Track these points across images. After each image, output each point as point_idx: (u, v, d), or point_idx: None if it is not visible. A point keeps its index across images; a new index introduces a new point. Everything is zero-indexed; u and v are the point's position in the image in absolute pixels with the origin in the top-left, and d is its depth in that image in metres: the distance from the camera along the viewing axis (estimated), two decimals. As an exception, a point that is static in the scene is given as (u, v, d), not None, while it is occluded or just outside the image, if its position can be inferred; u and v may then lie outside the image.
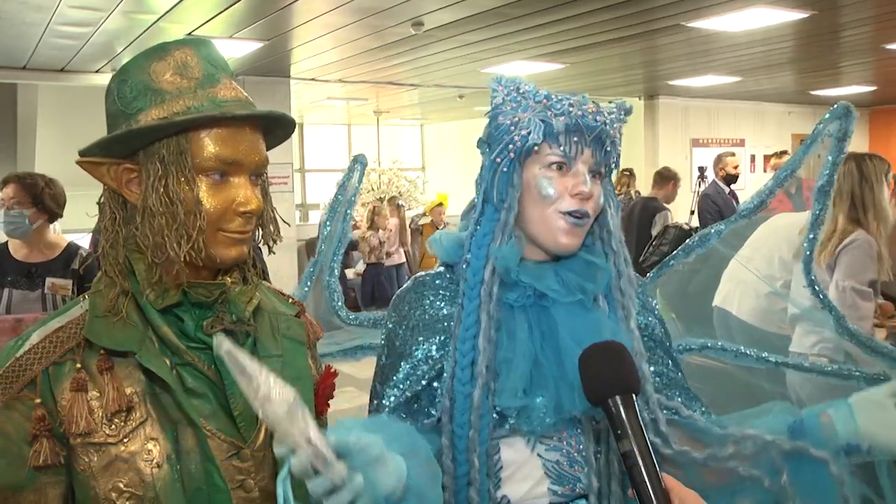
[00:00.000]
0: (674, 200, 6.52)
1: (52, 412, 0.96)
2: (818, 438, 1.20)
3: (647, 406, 1.18)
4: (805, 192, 2.61)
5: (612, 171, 1.26)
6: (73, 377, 0.97)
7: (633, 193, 7.61)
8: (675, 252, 1.77)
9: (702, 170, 7.59)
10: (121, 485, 0.95)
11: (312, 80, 8.25)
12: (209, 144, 0.99)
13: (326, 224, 1.83)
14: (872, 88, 10.40)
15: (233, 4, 4.93)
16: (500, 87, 1.21)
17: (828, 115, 1.64)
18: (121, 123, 1.01)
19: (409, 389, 1.22)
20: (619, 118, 1.22)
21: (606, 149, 1.20)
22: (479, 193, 1.24)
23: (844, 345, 1.75)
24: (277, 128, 1.10)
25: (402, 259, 8.99)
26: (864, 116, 12.94)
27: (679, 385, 1.30)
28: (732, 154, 6.80)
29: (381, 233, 8.42)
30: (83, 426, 0.95)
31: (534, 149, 1.17)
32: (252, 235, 1.06)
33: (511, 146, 1.18)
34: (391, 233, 8.68)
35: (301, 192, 13.47)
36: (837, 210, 2.87)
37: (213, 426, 1.00)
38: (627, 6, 5.28)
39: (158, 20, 5.26)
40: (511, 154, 1.18)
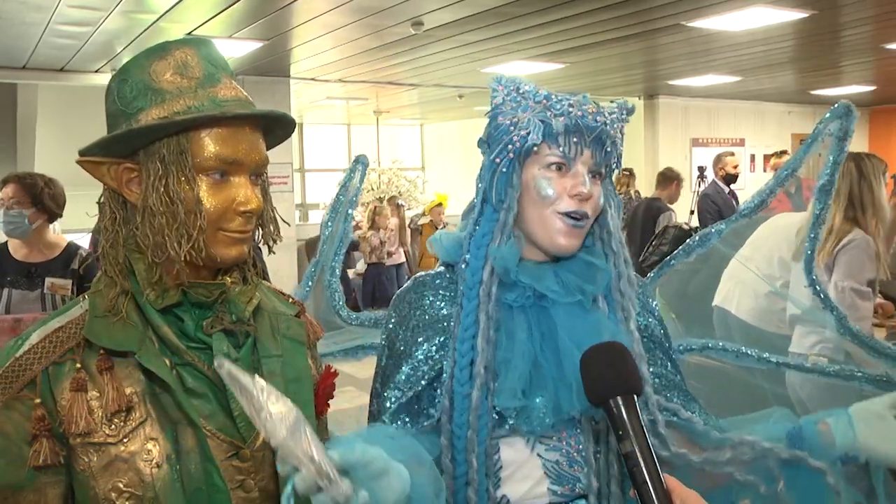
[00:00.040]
0: (677, 201, 6.53)
1: (52, 412, 0.96)
2: (816, 446, 1.20)
3: (647, 407, 1.18)
4: (805, 192, 2.60)
5: (613, 172, 1.26)
6: (73, 377, 0.97)
7: (633, 193, 7.62)
8: (676, 252, 1.76)
9: (701, 169, 7.60)
10: (120, 485, 0.95)
11: (312, 80, 8.25)
12: (210, 144, 0.99)
13: (328, 224, 1.83)
14: (872, 88, 10.40)
15: (232, 4, 4.93)
16: (500, 87, 1.20)
17: (828, 115, 1.63)
18: (121, 123, 1.01)
19: (411, 391, 1.21)
20: (621, 118, 1.21)
21: (607, 149, 1.19)
22: (479, 194, 1.23)
23: (845, 345, 1.75)
24: (277, 127, 1.10)
25: (402, 259, 8.99)
26: (864, 116, 12.93)
27: (678, 387, 1.30)
28: (732, 154, 6.80)
29: (382, 232, 8.42)
30: (83, 426, 0.95)
31: (533, 149, 1.17)
32: (252, 235, 1.06)
33: (510, 146, 1.17)
34: (392, 232, 8.67)
35: (301, 192, 13.46)
36: (834, 209, 2.86)
37: (213, 426, 1.00)
38: (627, 6, 5.27)
39: (158, 20, 5.25)
40: (510, 154, 1.18)
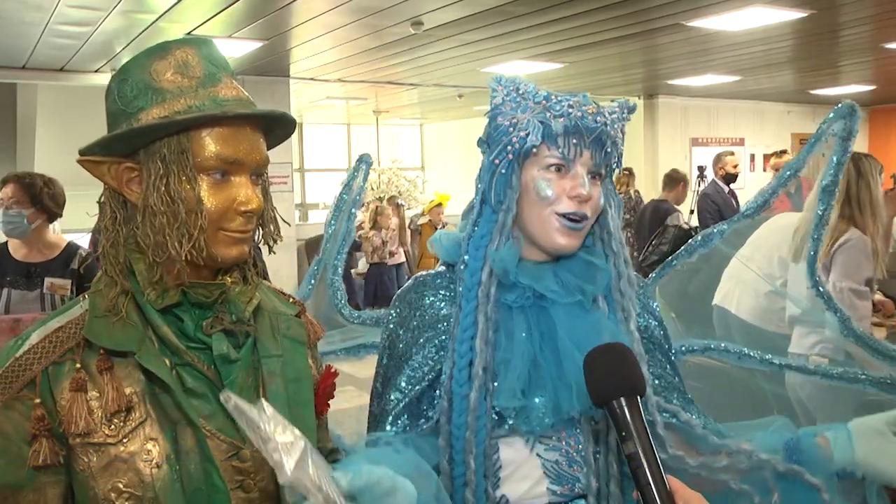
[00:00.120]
0: (684, 202, 6.53)
1: (52, 412, 0.95)
2: (813, 459, 1.19)
3: (646, 408, 1.17)
4: (805, 192, 2.60)
5: (614, 171, 1.25)
6: (73, 377, 0.96)
7: (633, 193, 7.62)
8: (678, 252, 1.74)
9: (701, 169, 7.60)
10: (120, 485, 0.95)
11: (312, 80, 8.25)
12: (210, 143, 0.99)
13: (332, 223, 1.83)
14: (872, 87, 10.41)
15: (232, 4, 4.93)
16: (500, 87, 1.20)
17: (832, 115, 1.61)
18: (121, 122, 1.00)
19: (412, 392, 1.21)
20: (622, 117, 1.21)
21: (607, 150, 1.18)
22: (478, 194, 1.23)
23: (846, 346, 1.73)
24: (278, 127, 1.10)
25: (403, 258, 8.99)
26: (864, 115, 12.94)
27: (677, 389, 1.30)
28: (732, 153, 6.79)
29: (384, 232, 8.42)
30: (82, 426, 0.95)
31: (532, 151, 1.16)
32: (252, 235, 1.06)
33: (509, 147, 1.17)
34: (393, 232, 8.67)
35: (301, 192, 13.45)
36: None
37: (213, 426, 1.00)
38: (627, 6, 5.27)
39: (158, 20, 5.25)
40: (509, 155, 1.17)
